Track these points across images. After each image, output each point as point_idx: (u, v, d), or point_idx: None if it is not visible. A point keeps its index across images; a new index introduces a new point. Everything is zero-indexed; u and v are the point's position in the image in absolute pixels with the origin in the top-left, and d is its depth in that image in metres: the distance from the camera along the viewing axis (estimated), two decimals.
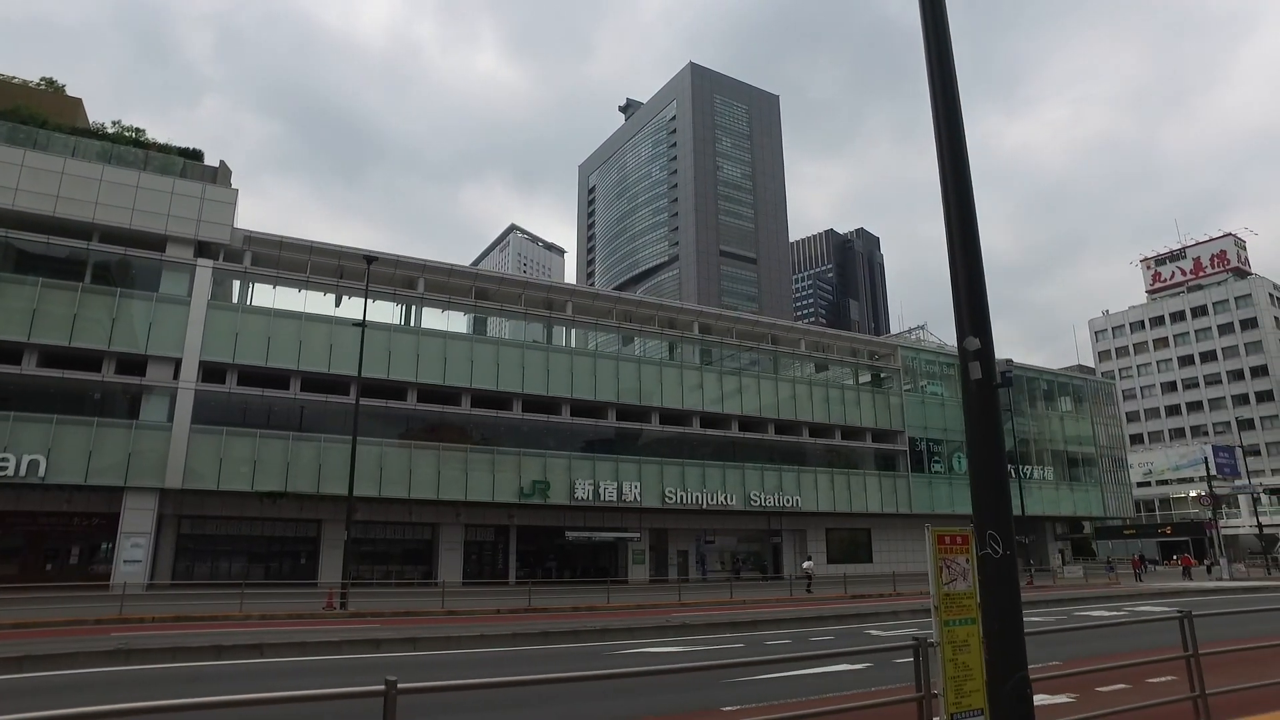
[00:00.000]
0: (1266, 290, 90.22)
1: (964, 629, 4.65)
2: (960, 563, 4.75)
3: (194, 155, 43.48)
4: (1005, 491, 4.45)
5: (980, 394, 4.35)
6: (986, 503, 4.41)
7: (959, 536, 4.84)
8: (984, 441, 4.51)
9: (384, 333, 37.45)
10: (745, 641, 13.31)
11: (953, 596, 4.71)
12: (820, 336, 52.04)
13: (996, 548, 4.18)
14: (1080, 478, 60.87)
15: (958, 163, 4.67)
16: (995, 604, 4.29)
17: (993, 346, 4.49)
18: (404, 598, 26.49)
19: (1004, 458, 4.49)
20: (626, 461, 41.07)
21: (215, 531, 36.57)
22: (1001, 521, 4.36)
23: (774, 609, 21.21)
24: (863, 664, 10.33)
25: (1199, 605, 22.00)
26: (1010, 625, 4.23)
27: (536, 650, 12.52)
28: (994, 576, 4.30)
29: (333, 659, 12.45)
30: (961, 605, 4.68)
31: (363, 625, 18.19)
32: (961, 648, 4.62)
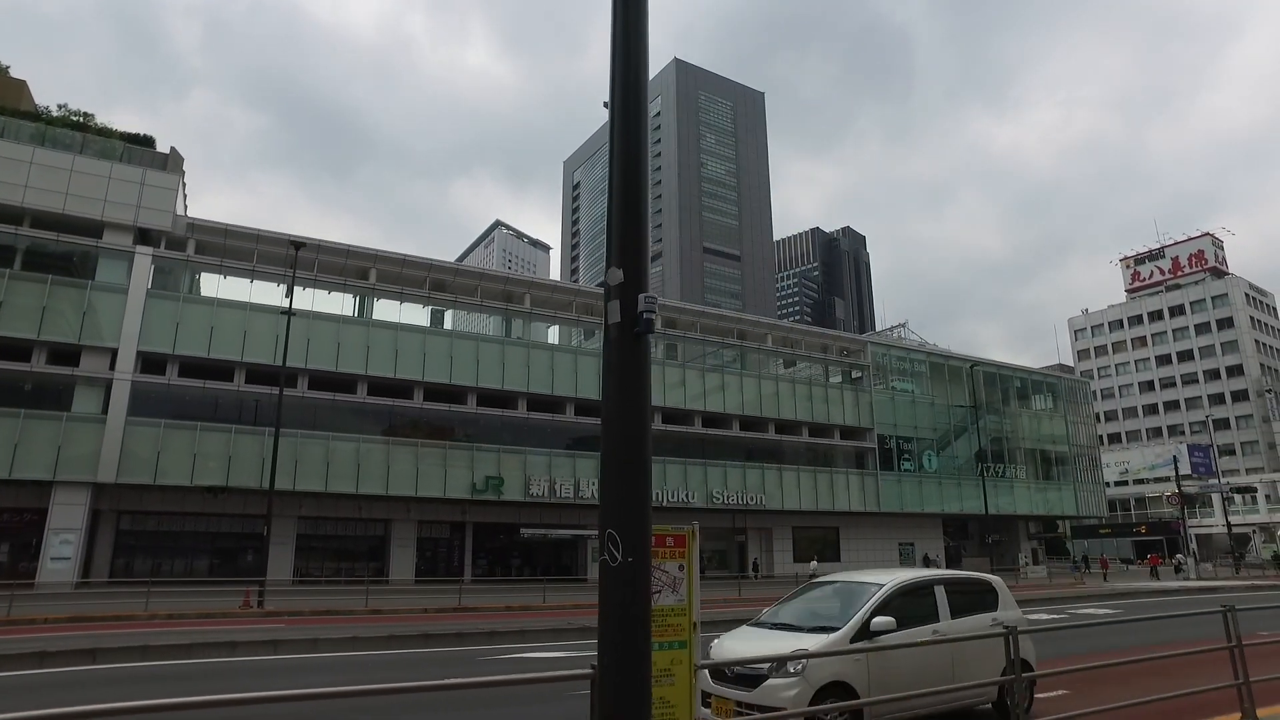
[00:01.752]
0: (1243, 290, 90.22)
1: (665, 654, 3.77)
2: (670, 570, 3.89)
3: (144, 141, 42.31)
4: (642, 477, 3.48)
5: (620, 343, 3.46)
6: (614, 490, 3.44)
7: (671, 536, 3.98)
8: (621, 407, 3.54)
9: (333, 324, 36.50)
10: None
11: (655, 613, 3.78)
12: (789, 332, 51.32)
13: (616, 553, 3.27)
14: (1053, 476, 60.42)
15: (630, 57, 3.87)
16: (611, 630, 3.28)
17: (644, 283, 3.59)
18: (336, 596, 25.53)
19: (646, 431, 3.53)
20: (584, 457, 40.21)
21: (157, 528, 35.50)
22: (632, 518, 3.38)
23: (726, 609, 20.41)
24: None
25: (1139, 608, 21.38)
26: (631, 661, 3.19)
27: (402, 655, 11.66)
28: (611, 591, 3.31)
29: (177, 664, 11.58)
30: (667, 625, 3.81)
31: (270, 625, 17.29)
32: (659, 679, 3.72)
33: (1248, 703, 6.16)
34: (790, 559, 48.34)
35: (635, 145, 3.79)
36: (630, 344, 3.58)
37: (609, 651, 3.25)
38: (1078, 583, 38.42)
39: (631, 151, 3.76)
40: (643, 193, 3.75)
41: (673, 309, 47.92)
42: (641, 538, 3.29)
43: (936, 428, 54.23)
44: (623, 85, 3.83)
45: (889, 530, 52.32)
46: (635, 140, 3.80)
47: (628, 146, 3.74)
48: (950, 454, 54.21)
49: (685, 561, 3.93)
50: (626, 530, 3.29)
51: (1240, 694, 6.19)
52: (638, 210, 3.66)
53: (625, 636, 3.25)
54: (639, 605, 3.29)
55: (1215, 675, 7.03)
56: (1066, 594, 25.97)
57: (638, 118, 3.83)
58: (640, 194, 3.73)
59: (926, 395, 54.65)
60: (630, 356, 3.60)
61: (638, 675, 3.20)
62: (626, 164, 3.72)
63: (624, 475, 3.46)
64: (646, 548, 3.28)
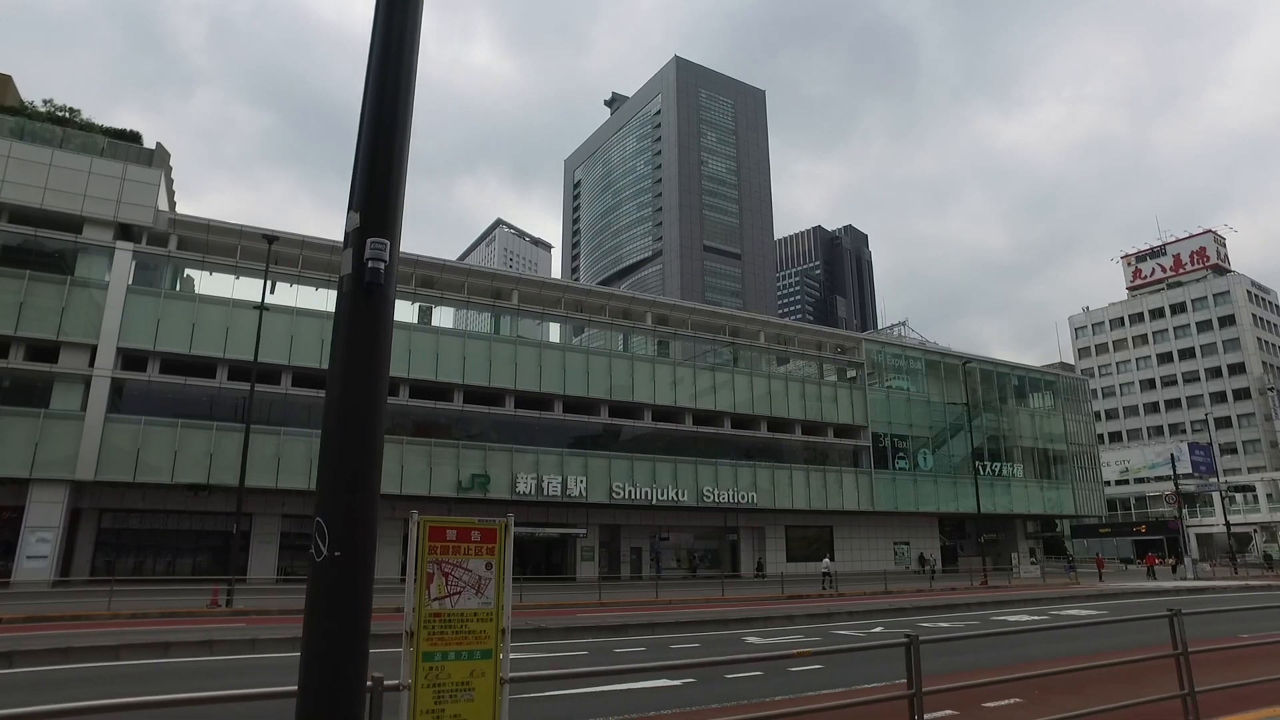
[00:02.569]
0: (1244, 287, 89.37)
1: (463, 665, 3.30)
2: (474, 569, 3.44)
3: (130, 137, 42.06)
4: (368, 458, 2.94)
5: (352, 297, 2.95)
6: (332, 472, 2.91)
7: (478, 530, 3.54)
8: (347, 372, 2.98)
9: (316, 320, 36.11)
10: (590, 649, 12.06)
11: (450, 617, 3.38)
12: (782, 329, 50.83)
13: (322, 546, 2.81)
14: (1051, 475, 59.83)
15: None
16: (315, 641, 2.75)
17: (386, 229, 3.01)
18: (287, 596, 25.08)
19: (376, 402, 2.96)
20: (572, 455, 39.80)
21: (139, 525, 35.21)
22: (351, 505, 2.84)
23: (687, 610, 19.98)
24: (681, 679, 9.08)
25: (1124, 609, 20.90)
26: (336, 685, 2.65)
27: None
28: (312, 594, 2.78)
29: (114, 665, 11.18)
30: (468, 631, 3.35)
31: (228, 624, 16.91)
32: (455, 693, 3.27)
33: (1193, 715, 5.72)
34: (784, 558, 47.88)
35: (394, 61, 3.27)
36: (360, 298, 3.01)
37: (310, 672, 2.73)
38: (1072, 583, 37.90)
39: (389, 70, 3.24)
40: (397, 122, 3.20)
41: (664, 306, 47.47)
42: (359, 529, 2.80)
43: (932, 426, 53.70)
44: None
45: (884, 529, 51.84)
46: (395, 53, 3.28)
47: (385, 62, 3.23)
48: (946, 452, 53.66)
49: (495, 559, 3.48)
50: (340, 519, 2.80)
51: (1185, 705, 5.76)
52: (389, 143, 3.14)
53: (329, 653, 2.73)
54: (350, 614, 2.76)
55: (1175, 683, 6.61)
56: (1052, 594, 25.48)
57: (402, 27, 3.31)
58: (394, 123, 3.19)
59: (922, 393, 54.12)
60: (360, 313, 3.02)
61: (345, 704, 2.70)
62: (382, 86, 3.21)
63: (345, 454, 2.93)
64: (364, 542, 2.80)
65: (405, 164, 3.16)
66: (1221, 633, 13.05)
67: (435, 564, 3.38)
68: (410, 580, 3.41)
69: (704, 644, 12.71)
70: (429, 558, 3.37)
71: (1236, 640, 9.64)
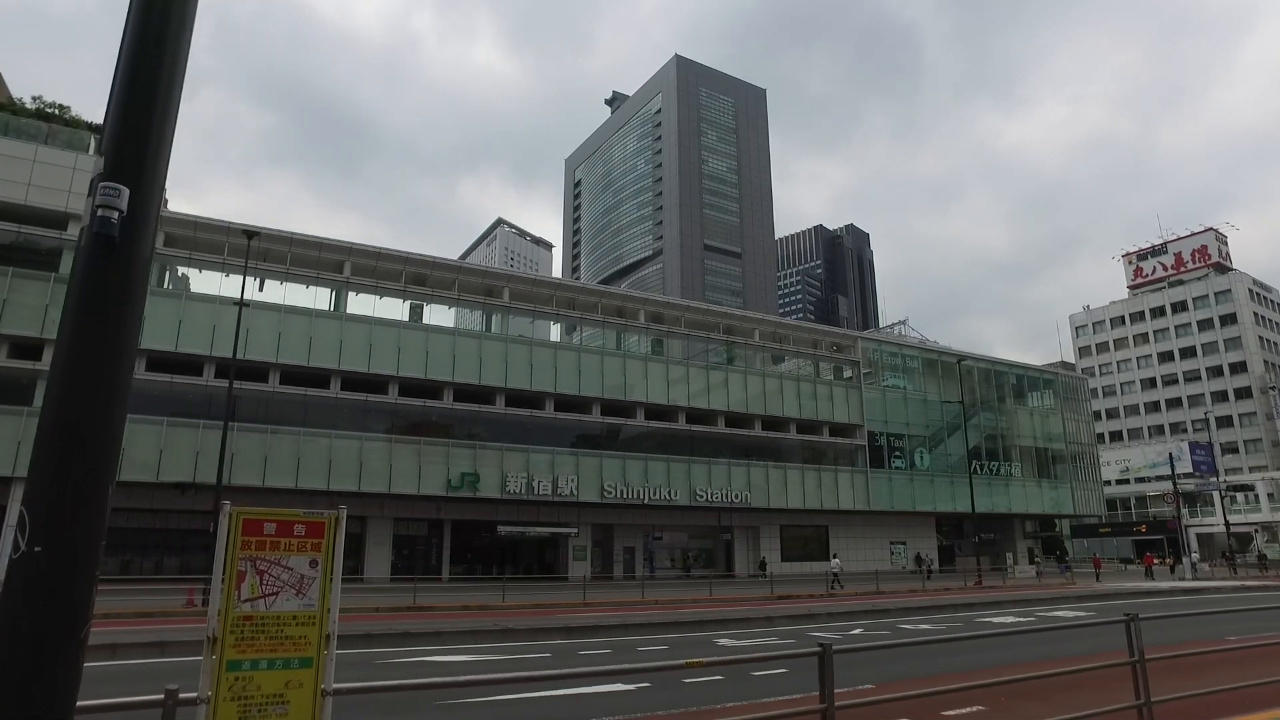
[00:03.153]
0: (1246, 286, 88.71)
1: (276, 675, 2.95)
2: (296, 567, 3.10)
3: None
4: (100, 444, 2.55)
5: (89, 251, 2.56)
6: (49, 453, 2.47)
7: (301, 524, 3.19)
8: (77, 340, 2.62)
9: (305, 318, 35.85)
10: (555, 651, 11.73)
11: (264, 621, 3.04)
12: (777, 327, 50.45)
13: (21, 540, 2.34)
14: (1050, 474, 59.38)
15: None
16: (14, 651, 2.27)
17: (141, 178, 2.63)
18: None
19: (120, 379, 2.59)
20: (563, 454, 39.47)
21: (126, 524, 34.90)
22: (64, 493, 2.41)
23: (669, 610, 19.65)
24: (636, 684, 8.75)
25: (1112, 610, 20.52)
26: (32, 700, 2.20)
27: None
28: (6, 595, 2.34)
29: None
30: (285, 636, 2.99)
31: (201, 625, 16.55)
32: (265, 707, 2.92)
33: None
34: (779, 558, 47.50)
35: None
36: (97, 255, 2.63)
37: (6, 658, 2.27)
38: (1068, 583, 37.50)
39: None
40: (165, 53, 2.77)
41: (658, 304, 47.15)
42: (65, 521, 2.39)
43: (929, 425, 53.29)
44: None
45: (880, 529, 51.46)
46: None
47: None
48: (944, 451, 53.24)
49: (323, 556, 3.15)
50: (49, 509, 2.41)
51: (1140, 715, 5.41)
52: (152, 77, 2.73)
53: (20, 665, 2.27)
54: (47, 618, 2.31)
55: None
56: (1044, 595, 25.09)
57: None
58: (159, 53, 2.75)
59: (919, 391, 53.72)
60: (95, 272, 2.65)
61: (54, 693, 2.27)
62: (150, 5, 2.76)
63: (64, 437, 2.55)
64: (82, 536, 2.40)
65: (173, 104, 2.79)
66: (1206, 635, 12.70)
67: (248, 561, 3.03)
68: (216, 580, 3.06)
69: (674, 646, 12.37)
70: (241, 554, 3.02)
71: (1208, 644, 9.28)
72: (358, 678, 9.12)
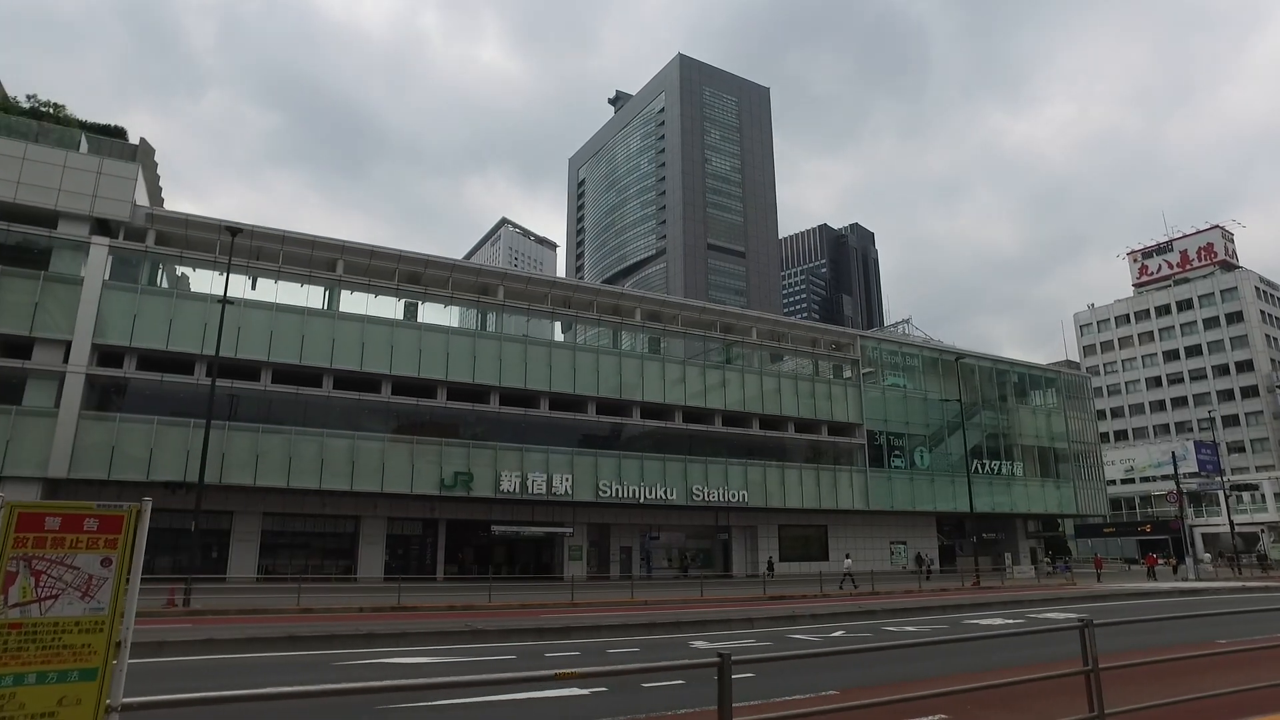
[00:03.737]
0: (1253, 284, 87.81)
1: (46, 691, 2.57)
2: (83, 566, 2.76)
3: (114, 132, 41.79)
4: None
5: None
6: None
7: (94, 517, 2.87)
8: None
9: (297, 316, 35.67)
10: (519, 653, 11.45)
11: (36, 628, 2.68)
12: (775, 325, 50.07)
13: None
14: (1052, 474, 58.86)
15: None
16: None
17: None
18: (273, 595, 24.57)
19: None
20: (558, 453, 39.18)
21: None
22: None
23: (652, 611, 19.37)
24: (591, 689, 8.43)
25: (1106, 613, 20.18)
26: None
27: (256, 659, 10.70)
28: None
29: None
30: (62, 645, 2.63)
31: (170, 625, 16.36)
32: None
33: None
34: (777, 558, 47.15)
35: None
36: None
37: None
38: (1068, 584, 37.08)
39: None
40: None
41: (654, 302, 46.85)
42: None
43: (929, 424, 52.84)
44: None
45: (880, 528, 51.03)
46: None
47: None
48: (944, 451, 52.75)
49: (118, 554, 2.85)
50: None
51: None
52: None
53: None
54: None
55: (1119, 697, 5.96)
56: (1039, 596, 24.69)
57: None
58: None
59: (919, 390, 53.29)
60: None
61: None
62: None
63: None
64: None
65: None
66: (1194, 639, 12.35)
67: (21, 560, 2.70)
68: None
69: (647, 649, 12.05)
70: (12, 552, 2.70)
71: (1188, 649, 8.94)
72: (306, 681, 8.86)
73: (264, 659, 10.68)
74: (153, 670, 10.29)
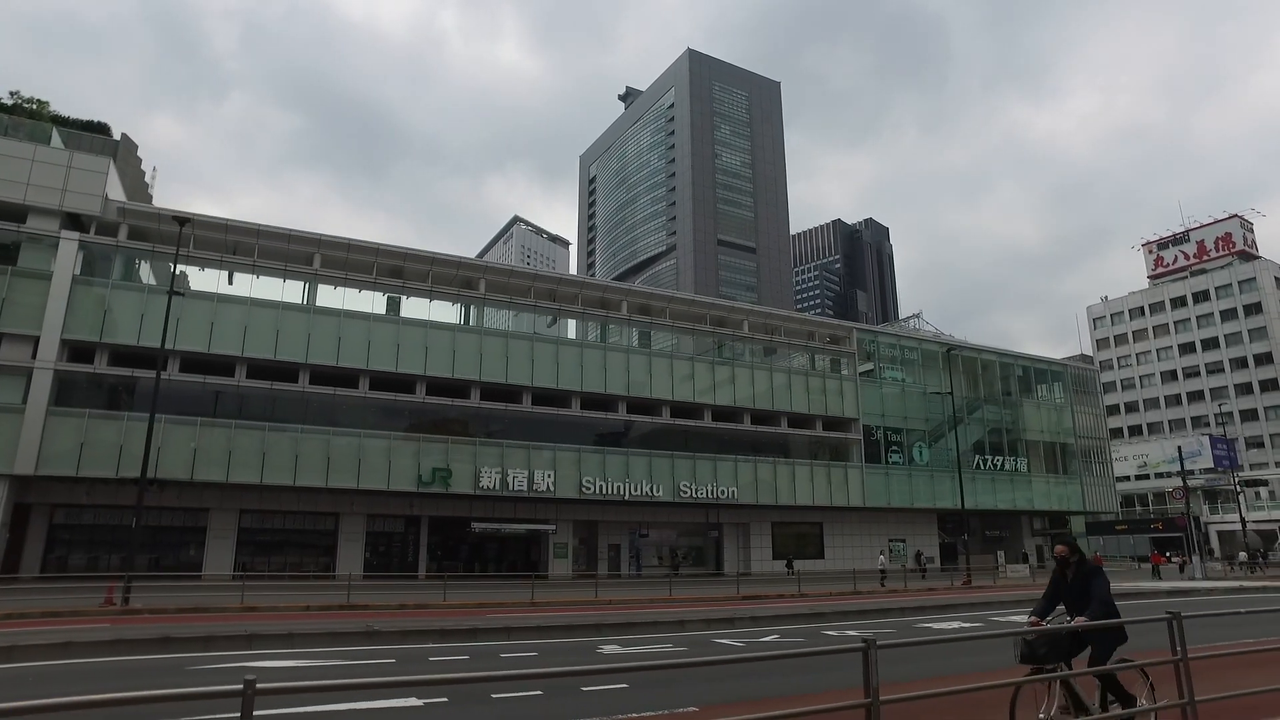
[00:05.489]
0: (1272, 273, 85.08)
1: None
2: None
3: (97, 128, 41.64)
4: None
5: None
6: None
7: None
8: None
9: (273, 310, 35.21)
10: (404, 657, 10.66)
11: None
12: (768, 318, 49.01)
13: None
14: (1059, 470, 57.40)
15: None
16: None
17: None
18: (227, 593, 23.99)
19: None
20: (540, 449, 38.46)
21: (95, 521, 34.56)
22: None
23: (605, 612, 18.58)
24: (427, 700, 7.63)
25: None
26: None
27: (100, 664, 10.01)
28: None
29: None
30: None
31: (79, 626, 15.75)
32: None
33: None
34: (769, 555, 46.23)
35: None
36: None
37: None
38: None
39: None
40: None
41: (643, 294, 46.04)
42: None
43: (929, 419, 51.60)
44: None
45: (877, 526, 49.85)
46: None
47: None
48: (945, 446, 51.45)
49: None
50: None
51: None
52: None
53: None
54: None
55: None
56: (1019, 597, 23.56)
57: None
58: None
59: (918, 384, 52.07)
60: None
61: None
62: None
63: None
64: None
65: None
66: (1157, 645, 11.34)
67: None
68: None
69: (551, 653, 11.25)
70: None
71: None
72: (138, 687, 8.12)
73: (109, 664, 10.00)
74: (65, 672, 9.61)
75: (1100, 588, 6.41)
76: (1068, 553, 6.78)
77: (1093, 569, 6.64)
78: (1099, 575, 6.55)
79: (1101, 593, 6.36)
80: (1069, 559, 6.76)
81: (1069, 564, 6.75)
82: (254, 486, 34.10)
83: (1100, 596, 6.33)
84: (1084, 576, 6.58)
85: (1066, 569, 6.77)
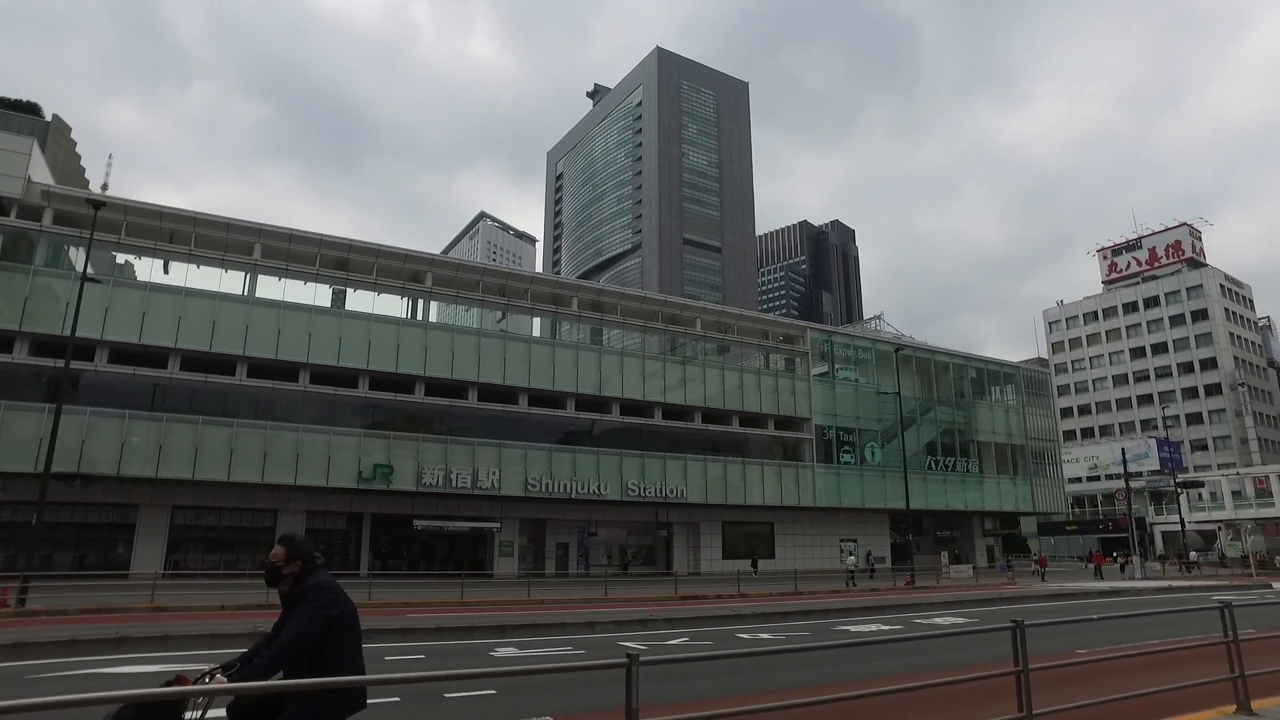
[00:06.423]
0: (1218, 281, 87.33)
1: None
2: None
3: (27, 108, 40.08)
4: None
5: None
6: None
7: None
8: None
9: (209, 301, 34.16)
10: None
11: None
12: (721, 316, 48.84)
13: None
14: (1009, 471, 58.01)
15: None
16: None
17: None
18: (136, 592, 23.09)
19: None
20: (484, 445, 37.82)
21: (12, 518, 33.19)
22: None
23: (529, 612, 18.13)
24: None
25: (992, 617, 19.14)
26: None
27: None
28: None
29: None
30: None
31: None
32: None
33: None
34: (720, 555, 46.01)
35: None
36: None
37: None
38: (1008, 583, 36.11)
39: None
40: None
41: (592, 291, 45.56)
42: None
43: (882, 419, 51.78)
44: None
45: (829, 526, 49.93)
46: None
47: None
48: (897, 446, 51.67)
49: None
50: None
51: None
52: None
53: None
54: None
55: None
56: (953, 598, 23.55)
57: None
58: None
59: (872, 385, 52.26)
60: None
61: None
62: None
63: None
64: None
65: None
66: (1071, 646, 11.20)
67: None
68: None
69: (439, 655, 10.78)
70: None
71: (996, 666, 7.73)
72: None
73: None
74: None
75: (305, 620, 3.90)
76: (283, 557, 4.14)
77: (313, 588, 4.05)
78: (315, 598, 3.98)
79: (303, 628, 3.89)
80: (280, 568, 4.13)
81: (281, 575, 4.14)
82: (187, 482, 33.08)
83: (297, 634, 3.88)
84: (298, 597, 4.07)
85: (279, 581, 4.16)
